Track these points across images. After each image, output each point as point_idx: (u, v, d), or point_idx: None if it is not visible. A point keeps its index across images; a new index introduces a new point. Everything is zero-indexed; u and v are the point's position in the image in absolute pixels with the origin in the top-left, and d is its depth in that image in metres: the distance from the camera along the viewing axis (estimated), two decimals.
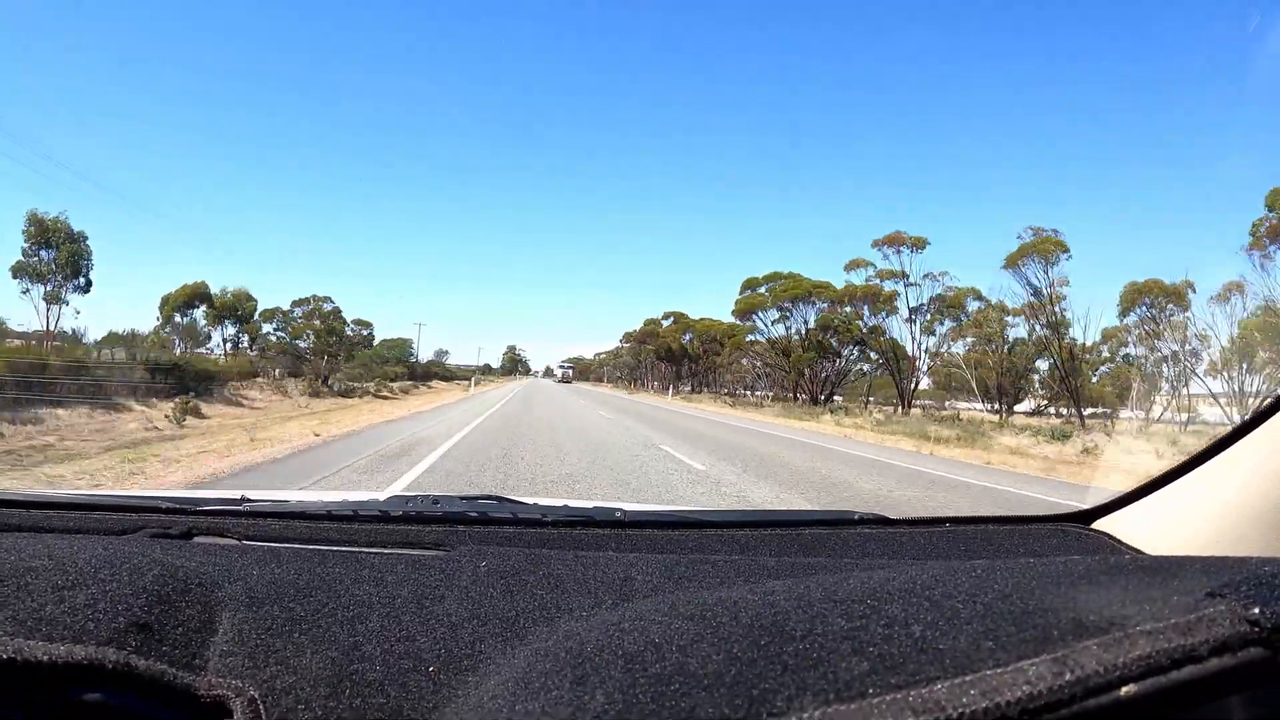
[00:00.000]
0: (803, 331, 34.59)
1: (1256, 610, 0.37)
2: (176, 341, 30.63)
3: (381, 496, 1.23)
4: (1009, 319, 26.08)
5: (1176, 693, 0.36)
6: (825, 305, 33.60)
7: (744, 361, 41.32)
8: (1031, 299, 24.16)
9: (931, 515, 1.21)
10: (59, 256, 22.78)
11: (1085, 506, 1.12)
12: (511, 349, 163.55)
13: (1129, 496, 1.04)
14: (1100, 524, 1.07)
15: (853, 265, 31.67)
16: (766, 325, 37.03)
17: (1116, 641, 0.38)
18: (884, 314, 31.12)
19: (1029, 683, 0.36)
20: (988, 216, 66.73)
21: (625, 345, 68.86)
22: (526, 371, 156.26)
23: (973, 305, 28.18)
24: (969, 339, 28.16)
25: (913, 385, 30.32)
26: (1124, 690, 0.36)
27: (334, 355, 34.40)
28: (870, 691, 0.38)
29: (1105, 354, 25.63)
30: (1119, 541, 1.00)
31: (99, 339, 24.33)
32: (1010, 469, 11.65)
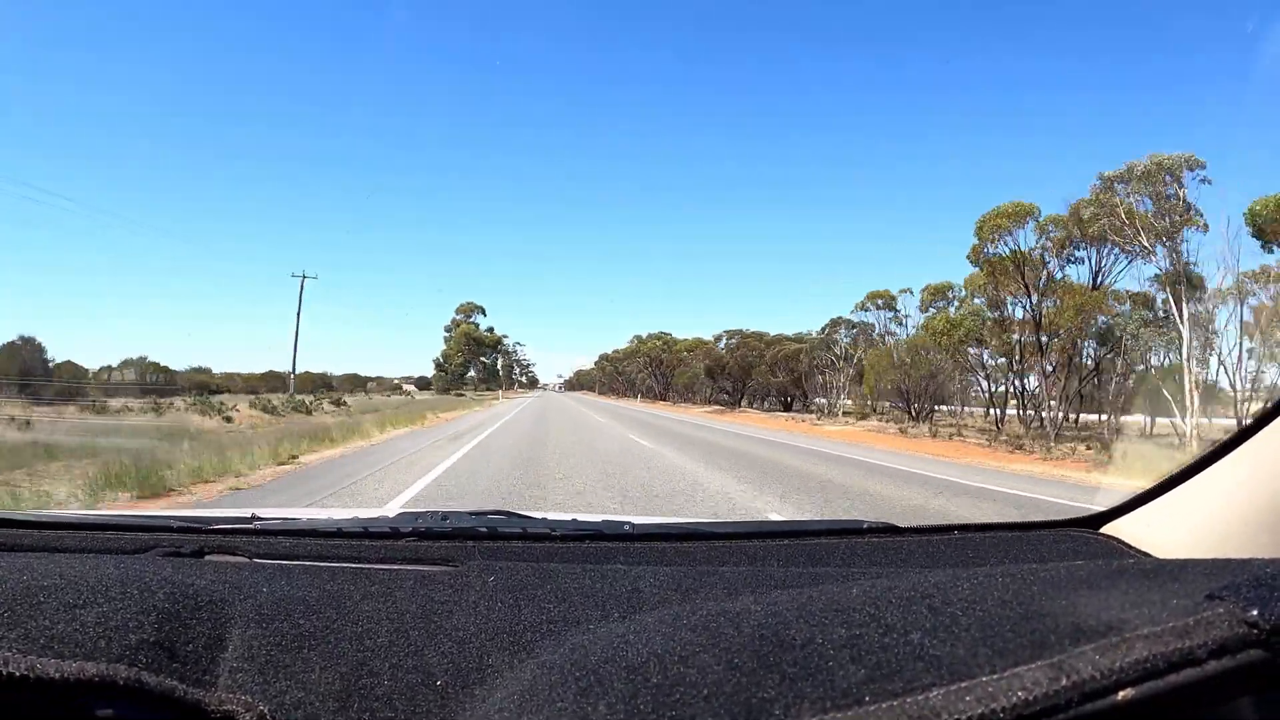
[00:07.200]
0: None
1: (1255, 612, 0.37)
2: None
3: (391, 513, 1.24)
4: None
5: (1175, 696, 0.36)
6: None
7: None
8: None
9: (938, 524, 1.21)
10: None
11: (1095, 510, 1.10)
12: (469, 311, 71.64)
13: (1138, 499, 1.03)
14: (1109, 528, 1.06)
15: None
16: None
17: (1114, 646, 0.38)
18: None
19: (1025, 688, 0.36)
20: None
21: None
22: (533, 383, 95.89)
23: None
24: None
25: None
26: (1121, 694, 0.36)
27: None
28: (866, 699, 0.38)
29: None
30: (1127, 545, 0.99)
31: None
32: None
